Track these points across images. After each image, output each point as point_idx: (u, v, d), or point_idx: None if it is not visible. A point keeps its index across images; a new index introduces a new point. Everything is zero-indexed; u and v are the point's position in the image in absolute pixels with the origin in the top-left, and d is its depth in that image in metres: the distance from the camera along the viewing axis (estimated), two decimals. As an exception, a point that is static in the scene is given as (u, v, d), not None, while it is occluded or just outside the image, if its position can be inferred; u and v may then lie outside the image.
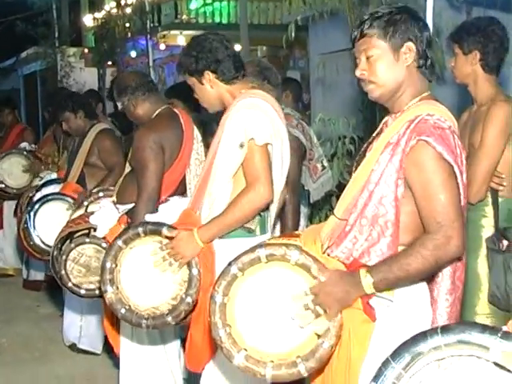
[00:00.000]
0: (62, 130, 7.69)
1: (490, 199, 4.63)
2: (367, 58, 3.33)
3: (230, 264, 3.27)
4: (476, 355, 1.88)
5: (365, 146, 3.53)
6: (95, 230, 5.14)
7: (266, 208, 4.33)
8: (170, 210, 4.57)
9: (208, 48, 4.35)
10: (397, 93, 3.33)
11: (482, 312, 4.53)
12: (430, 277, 3.29)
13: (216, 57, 4.33)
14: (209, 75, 4.33)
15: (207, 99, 4.43)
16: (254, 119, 4.15)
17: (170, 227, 4.25)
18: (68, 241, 5.29)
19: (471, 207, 4.51)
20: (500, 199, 4.65)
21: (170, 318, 4.19)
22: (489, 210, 4.65)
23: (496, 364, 1.89)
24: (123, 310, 4.21)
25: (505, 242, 4.42)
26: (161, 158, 4.97)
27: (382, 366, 2.04)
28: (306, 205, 6.34)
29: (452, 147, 3.14)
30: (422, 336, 1.97)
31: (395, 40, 3.27)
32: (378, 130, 3.49)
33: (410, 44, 3.27)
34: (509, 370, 1.87)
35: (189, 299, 4.15)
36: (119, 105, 5.36)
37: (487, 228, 4.65)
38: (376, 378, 2.07)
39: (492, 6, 8.18)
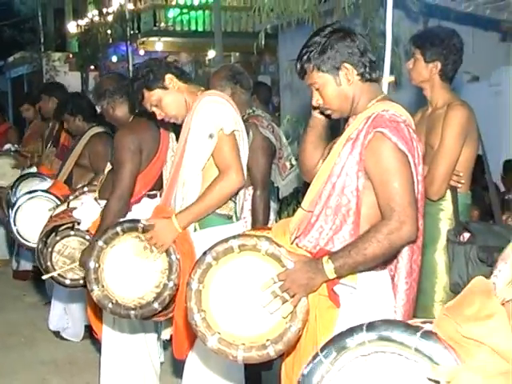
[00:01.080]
0: (65, 129, 7.66)
1: (448, 195, 4.66)
2: (317, 89, 3.40)
3: (204, 253, 3.30)
4: (397, 353, 1.89)
5: (329, 145, 3.57)
6: (79, 223, 5.15)
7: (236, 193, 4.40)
8: (142, 210, 4.60)
9: (154, 61, 4.50)
10: (353, 104, 3.39)
11: (439, 299, 4.57)
12: (390, 262, 3.35)
13: (167, 63, 4.46)
14: (171, 78, 4.37)
15: (175, 106, 4.41)
16: (219, 111, 4.26)
17: (146, 223, 4.28)
18: (53, 234, 5.29)
19: (430, 202, 4.57)
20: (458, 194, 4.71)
21: (156, 305, 4.23)
22: (446, 204, 4.68)
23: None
24: (110, 305, 4.25)
25: (466, 235, 4.47)
26: (137, 158, 4.96)
27: (312, 359, 2.04)
28: (275, 200, 6.34)
29: (407, 139, 3.19)
30: (348, 332, 1.97)
31: (330, 67, 3.32)
32: (342, 131, 3.51)
33: (346, 64, 3.31)
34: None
35: (171, 284, 4.20)
36: (98, 108, 5.40)
37: (444, 221, 4.69)
38: (306, 368, 2.07)
39: (446, 18, 8.28)
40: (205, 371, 4.38)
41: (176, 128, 4.78)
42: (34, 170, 7.84)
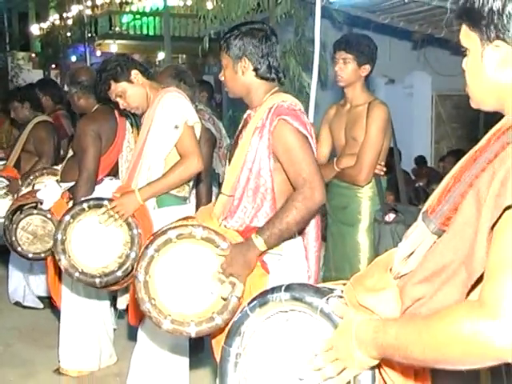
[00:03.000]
0: (11, 119, 7.59)
1: (373, 182, 4.74)
2: (224, 67, 3.56)
3: (146, 247, 3.33)
4: (308, 312, 1.91)
5: (236, 136, 3.67)
6: (41, 203, 5.13)
7: None
8: (103, 190, 4.62)
9: (122, 57, 4.56)
10: (248, 94, 3.54)
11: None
12: (303, 229, 3.48)
13: (133, 60, 4.53)
14: (136, 73, 4.42)
15: (137, 98, 4.46)
16: (183, 105, 4.33)
17: (111, 200, 4.32)
18: (18, 212, 5.29)
19: (351, 187, 4.72)
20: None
21: (120, 273, 4.28)
22: (366, 189, 4.75)
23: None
24: (77, 274, 4.27)
25: (391, 215, 4.52)
26: (98, 144, 4.98)
27: (240, 311, 2.07)
28: (216, 185, 6.38)
29: (305, 123, 3.36)
30: (270, 290, 1.99)
31: (233, 54, 3.47)
32: (243, 122, 3.64)
33: (245, 58, 3.46)
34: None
35: (133, 254, 4.23)
36: (66, 89, 5.39)
37: (365, 204, 4.76)
38: (235, 318, 2.10)
39: (366, 28, 8.35)
40: (156, 335, 4.39)
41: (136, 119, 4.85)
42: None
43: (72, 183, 5.08)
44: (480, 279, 1.63)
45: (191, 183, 4.60)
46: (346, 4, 8.09)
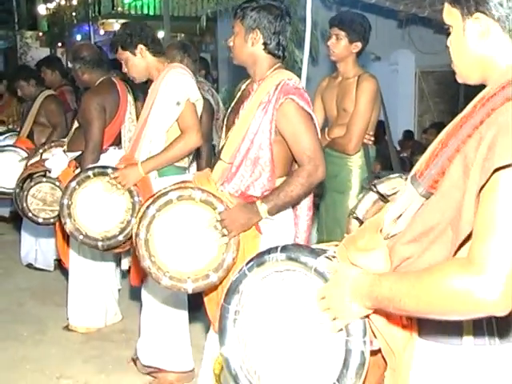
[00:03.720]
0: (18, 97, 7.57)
1: (361, 151, 4.73)
2: (234, 34, 3.51)
3: (147, 207, 3.34)
4: (303, 272, 1.90)
5: (232, 105, 3.65)
6: (50, 172, 5.13)
7: None
8: (108, 159, 4.60)
9: (139, 28, 4.40)
10: (253, 65, 3.49)
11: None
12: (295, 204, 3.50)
13: (146, 34, 4.38)
14: (141, 48, 4.35)
15: (136, 70, 4.43)
16: (186, 82, 4.26)
17: (115, 169, 4.32)
18: (28, 180, 5.29)
19: (343, 156, 4.70)
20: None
21: (121, 237, 4.29)
22: (356, 158, 4.73)
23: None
24: (81, 237, 4.29)
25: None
26: (103, 116, 4.99)
27: (238, 271, 2.05)
28: (215, 155, 6.38)
29: (309, 102, 3.34)
30: (267, 251, 1.98)
31: (247, 25, 3.42)
32: (241, 93, 3.63)
33: (257, 30, 3.40)
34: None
35: (133, 220, 4.15)
36: (70, 65, 5.37)
37: (355, 172, 4.74)
38: (234, 277, 2.09)
39: (354, 7, 8.30)
40: (157, 293, 4.41)
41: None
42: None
43: (78, 153, 5.09)
44: (467, 239, 1.64)
45: (191, 155, 4.56)
46: (336, -16, 8.05)
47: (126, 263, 5.04)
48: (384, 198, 2.95)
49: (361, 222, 3.00)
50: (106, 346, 5.23)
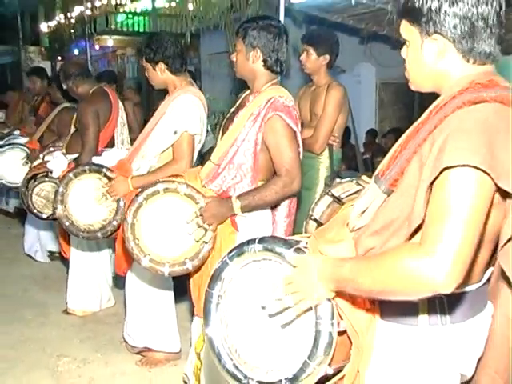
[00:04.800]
0: (47, 102, 7.48)
1: (326, 151, 4.77)
2: (236, 51, 3.45)
3: (137, 195, 3.38)
4: (278, 261, 1.90)
5: (232, 111, 3.60)
6: (52, 172, 5.11)
7: None
8: (103, 160, 4.54)
9: (164, 45, 4.15)
10: (253, 79, 3.43)
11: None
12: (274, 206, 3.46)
13: (169, 53, 4.14)
14: (161, 65, 4.15)
15: (155, 81, 4.23)
16: (189, 114, 4.03)
17: (109, 169, 4.27)
18: (32, 180, 5.29)
19: (313, 156, 4.71)
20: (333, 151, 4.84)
21: (99, 234, 4.27)
22: (324, 158, 4.78)
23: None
24: (67, 223, 4.28)
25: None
26: (97, 122, 4.97)
27: (221, 260, 2.05)
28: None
29: (295, 120, 3.29)
30: (246, 242, 1.97)
31: (248, 43, 3.36)
32: (240, 102, 3.57)
33: (257, 49, 3.34)
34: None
35: (115, 222, 4.21)
36: (64, 85, 5.31)
37: (322, 170, 4.79)
38: (216, 265, 2.07)
39: (322, 25, 8.31)
40: (142, 281, 4.41)
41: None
42: (17, 132, 7.60)
43: (76, 155, 5.07)
44: (417, 231, 1.67)
45: None
46: (305, 5, 8.03)
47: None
48: (338, 200, 2.97)
49: (318, 223, 3.01)
50: (100, 328, 5.24)
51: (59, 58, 20.89)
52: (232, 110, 3.61)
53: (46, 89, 7.65)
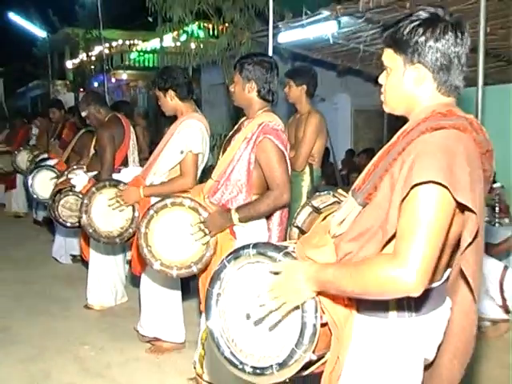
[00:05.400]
0: (69, 127, 7.52)
1: (307, 169, 4.80)
2: (234, 83, 3.43)
3: (149, 209, 3.38)
4: (270, 263, 1.88)
5: (230, 134, 3.59)
6: (75, 187, 5.13)
7: None
8: (121, 176, 4.54)
9: (173, 75, 4.14)
10: (249, 107, 3.41)
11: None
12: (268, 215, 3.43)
13: (178, 82, 4.12)
14: (171, 92, 4.13)
15: (166, 107, 4.21)
16: (193, 136, 4.02)
17: (125, 184, 4.31)
18: (58, 194, 5.31)
19: (296, 173, 4.70)
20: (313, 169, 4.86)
21: (117, 240, 4.29)
22: (306, 176, 4.81)
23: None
24: (91, 230, 4.28)
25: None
26: (113, 144, 4.97)
27: (220, 262, 2.03)
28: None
29: (284, 142, 3.28)
30: (242, 247, 1.96)
31: (244, 76, 3.35)
32: (237, 126, 3.55)
33: (252, 81, 3.33)
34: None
35: (130, 230, 4.23)
36: (83, 113, 5.29)
37: (305, 186, 4.82)
38: (216, 268, 2.05)
39: (305, 61, 8.35)
40: (154, 281, 4.40)
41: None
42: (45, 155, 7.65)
43: (95, 172, 5.10)
44: (391, 239, 1.68)
45: None
46: (290, 44, 8.06)
47: (129, 255, 5.16)
48: (317, 210, 2.98)
49: (300, 230, 3.02)
50: (116, 321, 5.23)
51: (81, 89, 20.97)
52: (230, 133, 3.60)
53: (64, 117, 7.68)
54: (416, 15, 1.77)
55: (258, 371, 1.88)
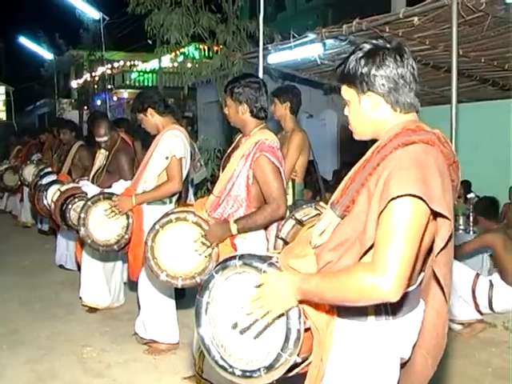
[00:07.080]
0: (60, 142, 7.47)
1: (290, 183, 4.73)
2: (227, 107, 3.42)
3: (154, 224, 3.37)
4: (254, 273, 1.87)
5: (228, 152, 3.57)
6: (87, 194, 4.98)
7: None
8: (114, 189, 4.54)
9: (149, 96, 4.27)
10: (244, 126, 3.39)
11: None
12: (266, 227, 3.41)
13: (154, 99, 4.24)
14: (150, 110, 4.23)
15: (148, 126, 4.31)
16: (174, 143, 4.14)
17: (117, 195, 4.34)
18: (72, 198, 5.28)
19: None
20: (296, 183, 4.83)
21: (115, 247, 4.34)
22: (289, 190, 4.69)
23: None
24: (89, 241, 4.34)
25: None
26: (133, 166, 5.22)
27: (209, 273, 2.01)
28: (192, 186, 6.34)
29: (279, 158, 3.28)
30: (229, 258, 1.95)
31: (235, 99, 3.33)
32: (235, 144, 3.54)
33: (244, 103, 3.31)
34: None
35: (126, 236, 4.30)
36: (105, 138, 5.36)
37: (288, 198, 4.73)
38: (205, 278, 2.05)
39: (293, 81, 8.37)
40: (151, 286, 4.39)
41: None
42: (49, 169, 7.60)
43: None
44: (369, 249, 1.68)
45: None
46: (279, 65, 8.11)
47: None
48: (300, 223, 2.98)
49: (284, 241, 3.02)
50: (116, 324, 5.22)
51: (85, 107, 21.08)
52: (228, 150, 3.59)
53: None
54: (359, 48, 1.81)
55: (247, 374, 1.87)
